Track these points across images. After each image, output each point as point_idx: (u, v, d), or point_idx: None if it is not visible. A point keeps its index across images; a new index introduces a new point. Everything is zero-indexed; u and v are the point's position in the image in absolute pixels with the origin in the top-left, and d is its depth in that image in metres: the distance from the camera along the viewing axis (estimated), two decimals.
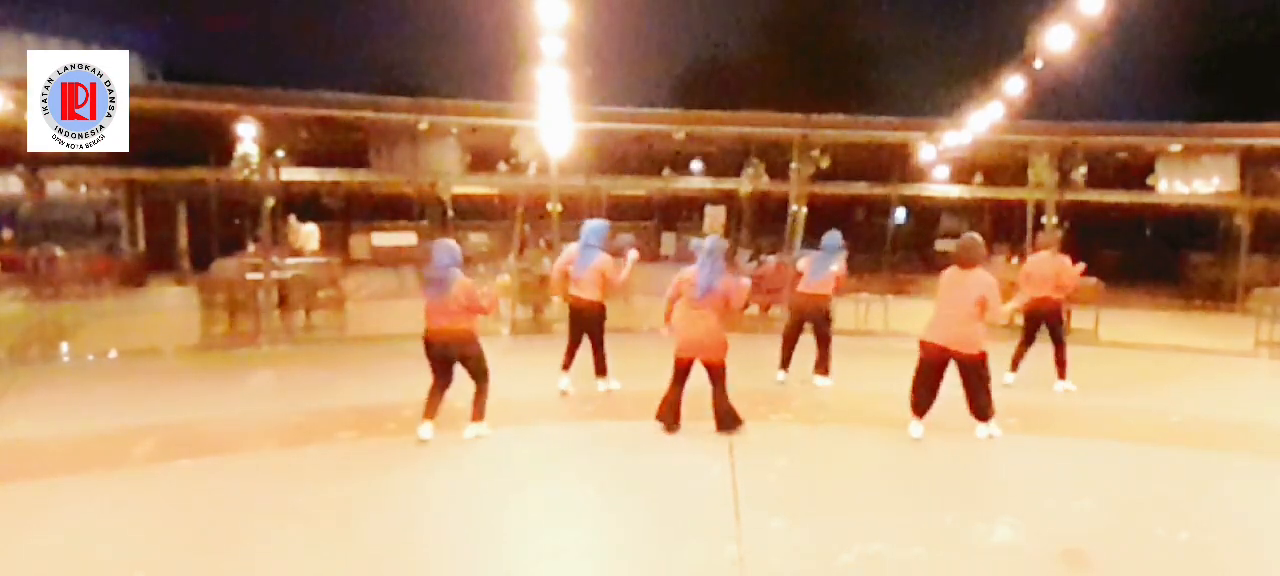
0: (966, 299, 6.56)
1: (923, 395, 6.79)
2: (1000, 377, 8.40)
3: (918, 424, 6.80)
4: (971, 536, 4.99)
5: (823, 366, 8.65)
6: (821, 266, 8.57)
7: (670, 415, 6.79)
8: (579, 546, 4.88)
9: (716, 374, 6.68)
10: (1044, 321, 8.65)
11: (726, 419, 6.70)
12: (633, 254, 8.57)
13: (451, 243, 6.61)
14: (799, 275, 8.86)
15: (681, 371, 6.77)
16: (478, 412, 6.61)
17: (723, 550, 4.67)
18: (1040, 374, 8.64)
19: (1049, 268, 8.66)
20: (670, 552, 4.71)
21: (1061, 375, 8.65)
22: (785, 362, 8.75)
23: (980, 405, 6.78)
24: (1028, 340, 8.78)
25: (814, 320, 8.67)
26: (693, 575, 4.51)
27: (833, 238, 8.67)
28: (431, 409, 6.49)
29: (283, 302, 12.13)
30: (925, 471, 6.27)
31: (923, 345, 6.79)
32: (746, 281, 6.97)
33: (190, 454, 6.19)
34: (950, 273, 6.81)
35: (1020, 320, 8.83)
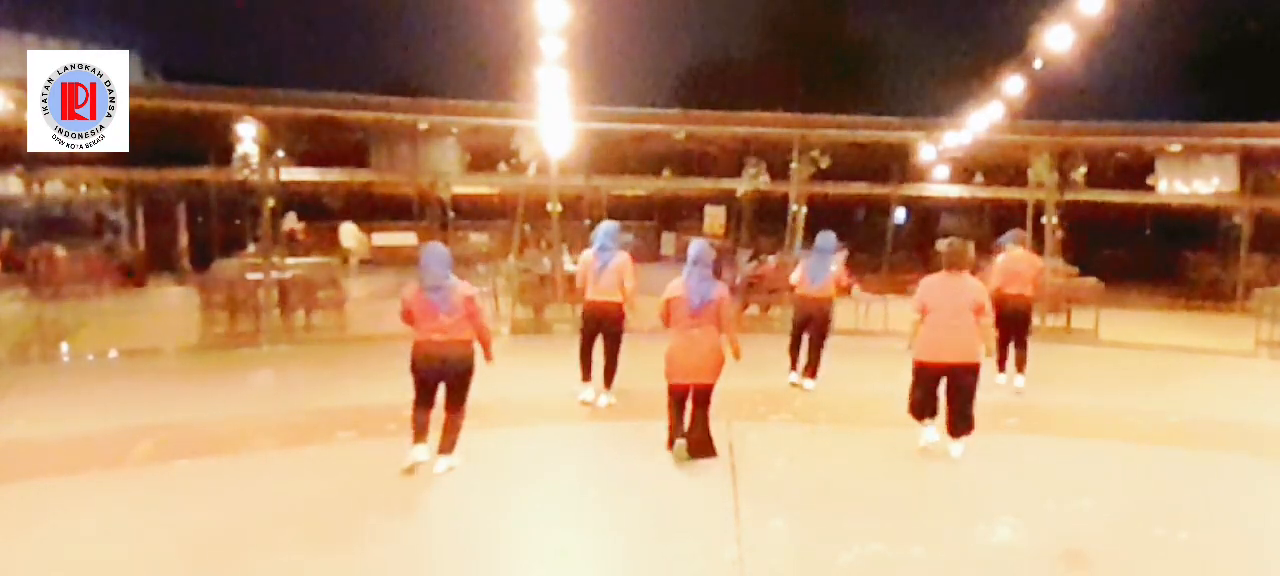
0: (965, 307, 6.32)
1: (924, 402, 6.47)
2: (993, 378, 8.39)
3: (931, 427, 6.48)
4: (971, 536, 5.00)
5: (811, 370, 8.55)
6: (820, 269, 8.51)
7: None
8: (579, 546, 4.88)
9: (707, 397, 6.16)
10: (1018, 320, 8.57)
11: (704, 447, 6.14)
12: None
13: (442, 247, 6.03)
14: (793, 282, 8.77)
15: (679, 398, 6.16)
16: (450, 443, 5.84)
17: (723, 550, 4.67)
18: (1040, 374, 8.63)
19: (1026, 265, 8.67)
20: (670, 552, 4.71)
21: (1021, 369, 8.58)
22: (795, 363, 8.67)
23: (968, 419, 6.37)
24: (1005, 338, 8.56)
25: (816, 322, 8.60)
26: (693, 575, 4.51)
27: (827, 239, 8.61)
28: (422, 429, 5.80)
29: (283, 303, 12.13)
30: (925, 471, 6.26)
31: (925, 366, 6.35)
32: (727, 292, 6.38)
33: (190, 454, 6.19)
34: (942, 281, 6.42)
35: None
